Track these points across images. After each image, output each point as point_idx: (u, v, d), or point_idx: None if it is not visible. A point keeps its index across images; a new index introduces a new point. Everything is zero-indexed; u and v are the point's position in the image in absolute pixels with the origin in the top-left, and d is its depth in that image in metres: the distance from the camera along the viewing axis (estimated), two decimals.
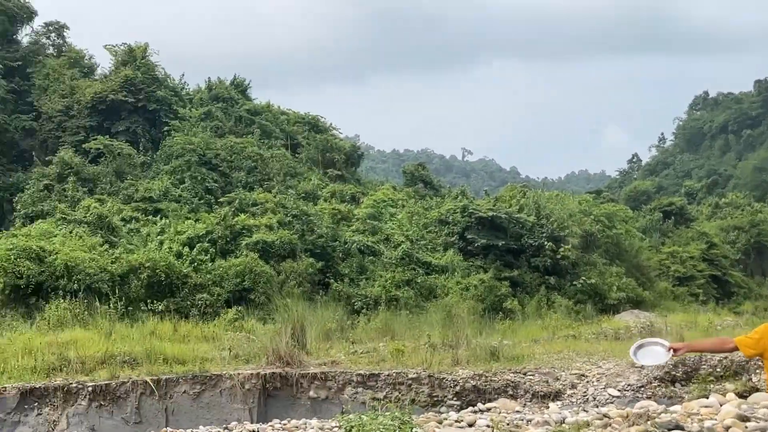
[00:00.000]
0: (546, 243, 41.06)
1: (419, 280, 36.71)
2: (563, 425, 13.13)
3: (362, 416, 8.94)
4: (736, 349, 7.04)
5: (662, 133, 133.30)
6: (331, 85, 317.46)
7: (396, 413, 9.21)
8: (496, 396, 17.50)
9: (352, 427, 8.73)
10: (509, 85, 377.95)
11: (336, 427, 9.73)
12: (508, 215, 41.67)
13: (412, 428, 9.07)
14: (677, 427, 11.41)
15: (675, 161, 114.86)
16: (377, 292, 34.79)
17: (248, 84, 56.72)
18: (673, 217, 58.27)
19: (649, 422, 11.76)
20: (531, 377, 18.21)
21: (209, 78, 55.29)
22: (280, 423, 15.08)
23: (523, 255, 41.14)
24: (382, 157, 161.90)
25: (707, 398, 14.78)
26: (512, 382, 17.93)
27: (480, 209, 41.81)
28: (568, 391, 17.75)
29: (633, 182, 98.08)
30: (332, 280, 35.13)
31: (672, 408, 14.55)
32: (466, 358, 19.84)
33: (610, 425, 12.05)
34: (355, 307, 33.73)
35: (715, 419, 11.93)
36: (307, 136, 53.89)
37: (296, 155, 51.00)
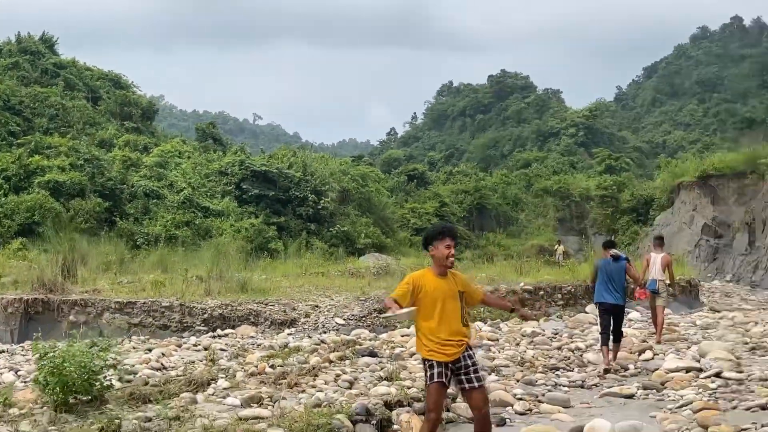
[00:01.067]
0: (310, 195, 40.49)
1: (197, 222, 35.21)
2: (285, 349, 12.47)
3: (57, 342, 7.78)
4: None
5: (415, 113, 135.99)
6: (142, 52, 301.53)
7: (97, 339, 8.12)
8: (239, 323, 16.63)
9: (46, 352, 7.54)
10: (297, 62, 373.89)
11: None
12: (279, 170, 40.72)
13: (112, 354, 7.97)
14: (372, 353, 10.98)
15: (423, 136, 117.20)
16: (158, 231, 33.09)
17: (56, 40, 52.22)
18: (415, 180, 59.25)
19: (349, 349, 11.27)
20: (272, 307, 17.47)
21: (19, 32, 50.60)
22: (30, 343, 13.57)
23: (290, 204, 40.38)
24: (184, 116, 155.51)
25: (409, 328, 14.53)
26: (254, 311, 17.12)
27: (255, 164, 40.67)
28: (302, 320, 17.14)
29: (388, 151, 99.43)
30: (118, 219, 33.08)
31: (381, 336, 14.26)
32: (218, 290, 18.87)
33: (317, 350, 11.48)
34: (138, 243, 31.90)
35: (404, 347, 11.61)
36: (108, 91, 50.45)
37: (97, 107, 47.65)
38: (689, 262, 33.50)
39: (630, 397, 9.49)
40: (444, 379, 6.12)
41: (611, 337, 11.84)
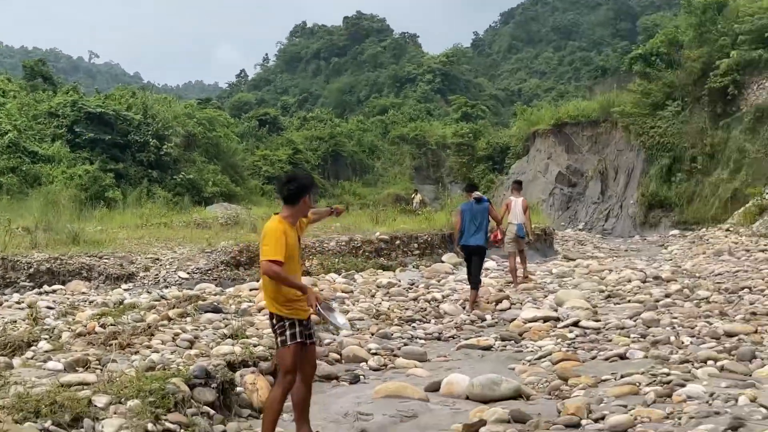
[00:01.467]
0: (151, 140, 38.85)
1: (24, 168, 33.09)
2: (120, 307, 11.78)
3: None
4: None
5: (267, 54, 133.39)
6: None
7: None
8: (70, 278, 15.67)
9: None
10: None
11: None
12: (116, 112, 38.77)
13: None
14: (216, 309, 10.50)
15: (276, 79, 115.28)
16: None
17: None
18: (267, 126, 58.33)
19: (192, 305, 10.75)
20: (106, 261, 16.58)
21: None
22: None
23: (129, 150, 38.59)
24: (10, 52, 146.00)
25: (258, 281, 14.13)
26: (87, 265, 16.18)
27: (89, 105, 38.52)
28: (141, 274, 16.40)
29: (238, 94, 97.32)
30: None
31: (228, 290, 13.78)
32: (46, 242, 17.74)
33: (156, 307, 10.89)
34: None
35: (252, 302, 11.22)
36: None
37: None
38: (543, 210, 34.65)
39: (488, 348, 9.52)
40: (304, 338, 5.77)
41: (471, 284, 12.10)
